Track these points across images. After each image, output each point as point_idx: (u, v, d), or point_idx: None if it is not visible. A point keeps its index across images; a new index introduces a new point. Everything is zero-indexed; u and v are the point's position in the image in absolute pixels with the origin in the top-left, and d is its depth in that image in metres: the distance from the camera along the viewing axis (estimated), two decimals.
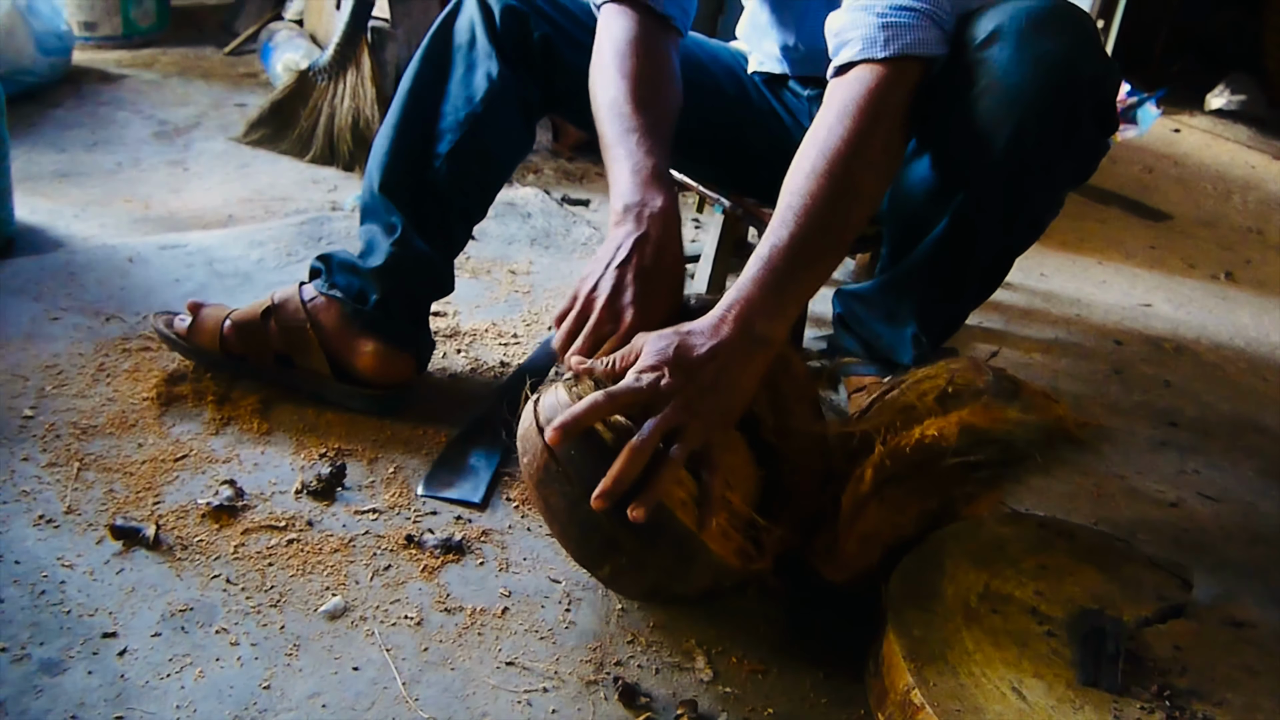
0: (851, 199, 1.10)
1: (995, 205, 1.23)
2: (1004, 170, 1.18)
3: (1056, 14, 1.14)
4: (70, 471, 1.26)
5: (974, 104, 1.16)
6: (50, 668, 1.01)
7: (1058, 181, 1.25)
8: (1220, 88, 4.00)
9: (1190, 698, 1.00)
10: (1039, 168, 1.19)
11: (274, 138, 2.39)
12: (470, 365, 1.59)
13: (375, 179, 1.42)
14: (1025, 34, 1.13)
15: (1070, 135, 1.17)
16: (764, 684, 1.11)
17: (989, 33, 1.14)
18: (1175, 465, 1.64)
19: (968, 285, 1.36)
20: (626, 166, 1.18)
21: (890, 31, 1.12)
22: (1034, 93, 1.13)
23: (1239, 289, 2.44)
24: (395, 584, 1.17)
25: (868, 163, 1.11)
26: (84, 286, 1.64)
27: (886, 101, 1.12)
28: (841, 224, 1.10)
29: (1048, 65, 1.12)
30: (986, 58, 1.14)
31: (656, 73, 1.28)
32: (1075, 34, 1.14)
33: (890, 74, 1.12)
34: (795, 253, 1.07)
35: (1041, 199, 1.26)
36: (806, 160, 1.11)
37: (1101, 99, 1.18)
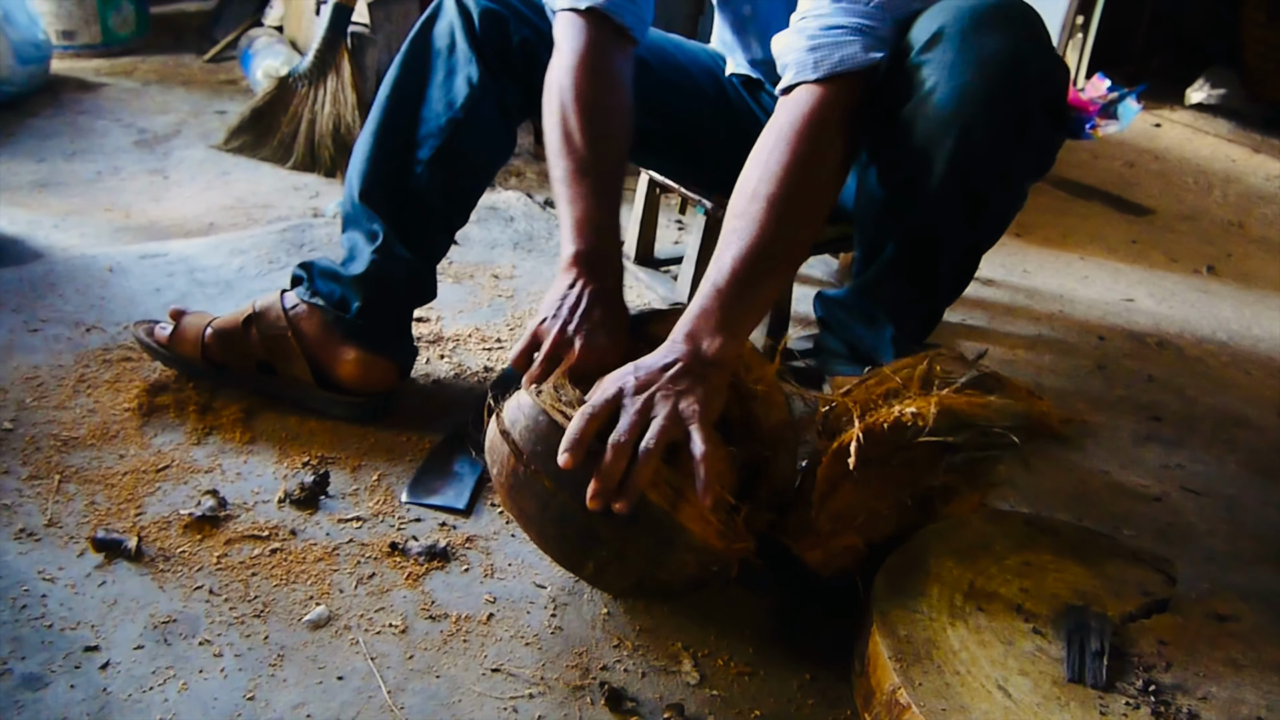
0: (794, 220, 1.13)
1: (954, 205, 1.23)
2: (958, 170, 1.19)
3: (999, 11, 1.14)
4: (51, 484, 1.25)
5: (923, 107, 1.17)
6: (32, 682, 1.01)
7: (1014, 177, 1.25)
8: (1200, 82, 4.02)
9: (1175, 692, 1.01)
10: (993, 165, 1.19)
11: (255, 145, 2.38)
12: (454, 371, 1.59)
13: (356, 186, 1.42)
14: (967, 33, 1.13)
15: (1021, 131, 1.17)
16: (751, 686, 1.11)
17: (931, 34, 1.14)
18: (1159, 459, 1.64)
19: (939, 283, 1.36)
20: (575, 211, 1.22)
21: (819, 54, 1.15)
22: (981, 92, 1.13)
23: (1221, 283, 2.44)
24: (380, 592, 1.16)
25: (809, 184, 1.14)
26: (64, 297, 1.63)
27: (825, 121, 1.15)
28: (786, 245, 1.14)
29: (993, 63, 1.12)
30: (931, 59, 1.15)
31: (607, 96, 1.29)
32: (1019, 30, 1.14)
33: (826, 93, 1.15)
34: (741, 278, 1.10)
35: (1000, 195, 1.26)
36: (749, 183, 1.13)
37: (1050, 93, 1.18)
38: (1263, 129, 3.77)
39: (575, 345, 1.14)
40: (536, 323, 1.18)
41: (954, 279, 1.37)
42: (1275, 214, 3.03)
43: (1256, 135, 3.71)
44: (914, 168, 1.20)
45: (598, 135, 1.26)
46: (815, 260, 2.11)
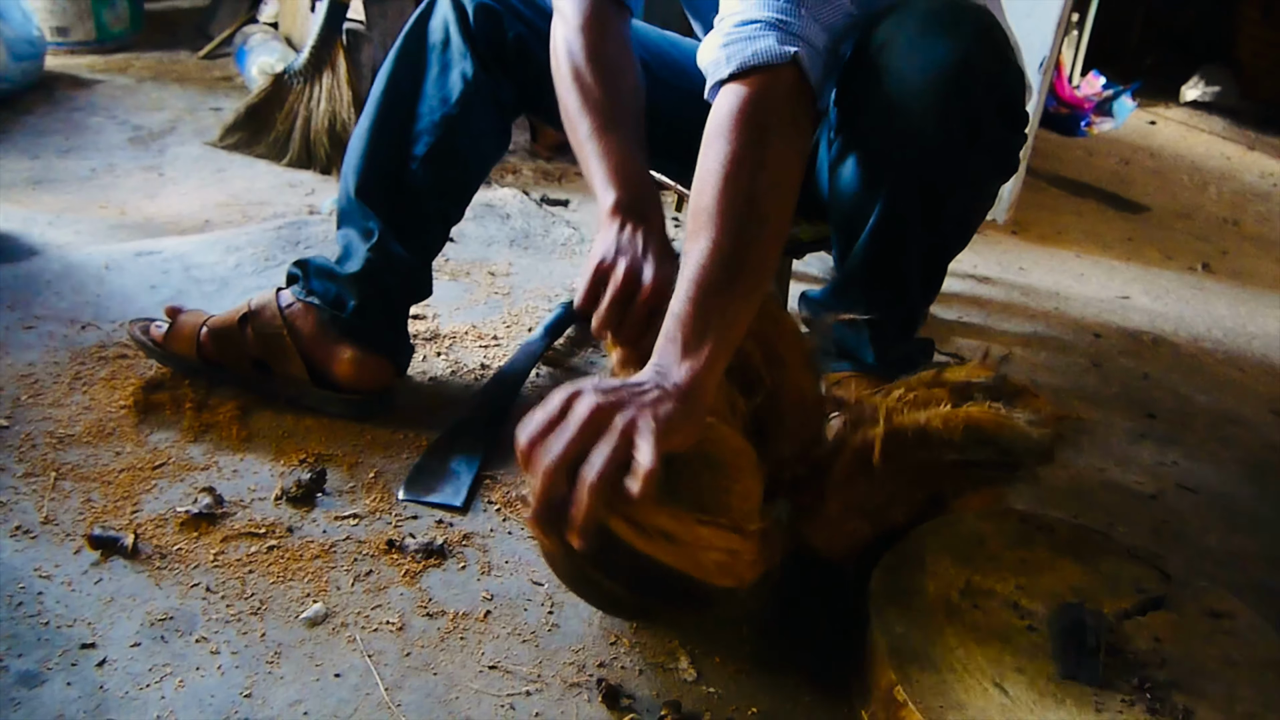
0: (746, 219, 1.03)
1: (912, 207, 1.22)
2: (913, 173, 1.18)
3: (948, 15, 1.13)
4: (47, 481, 1.25)
5: (878, 112, 1.16)
6: (28, 679, 1.00)
7: (971, 181, 1.24)
8: (1195, 79, 4.03)
9: (1170, 689, 1.01)
10: (948, 170, 1.18)
11: (250, 141, 2.38)
12: (450, 368, 1.59)
13: (351, 183, 1.42)
14: (915, 40, 1.12)
15: (974, 135, 1.16)
16: (747, 683, 1.11)
17: (883, 40, 1.14)
18: (1154, 457, 1.65)
19: (907, 287, 1.34)
20: (609, 163, 1.17)
21: (731, 49, 1.10)
22: (929, 96, 1.12)
23: (1216, 280, 2.45)
24: (376, 589, 1.16)
25: (751, 181, 1.05)
26: (59, 294, 1.62)
27: (749, 116, 1.07)
28: (743, 252, 1.03)
29: (940, 67, 1.11)
30: (884, 64, 1.14)
31: (618, 54, 1.26)
32: (968, 33, 1.13)
33: (747, 89, 1.08)
34: (701, 292, 0.99)
35: (959, 198, 1.25)
36: (695, 195, 1.06)
37: (1003, 96, 1.17)
38: (1257, 126, 3.78)
39: (647, 275, 1.08)
40: (595, 262, 1.11)
41: (923, 281, 1.35)
42: (1270, 211, 3.04)
43: (1251, 133, 3.73)
44: (873, 173, 1.20)
45: (616, 90, 1.22)
46: (811, 258, 2.11)
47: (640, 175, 1.18)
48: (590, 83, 1.22)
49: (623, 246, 1.11)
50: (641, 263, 1.10)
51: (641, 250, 1.11)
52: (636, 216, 1.14)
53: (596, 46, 1.24)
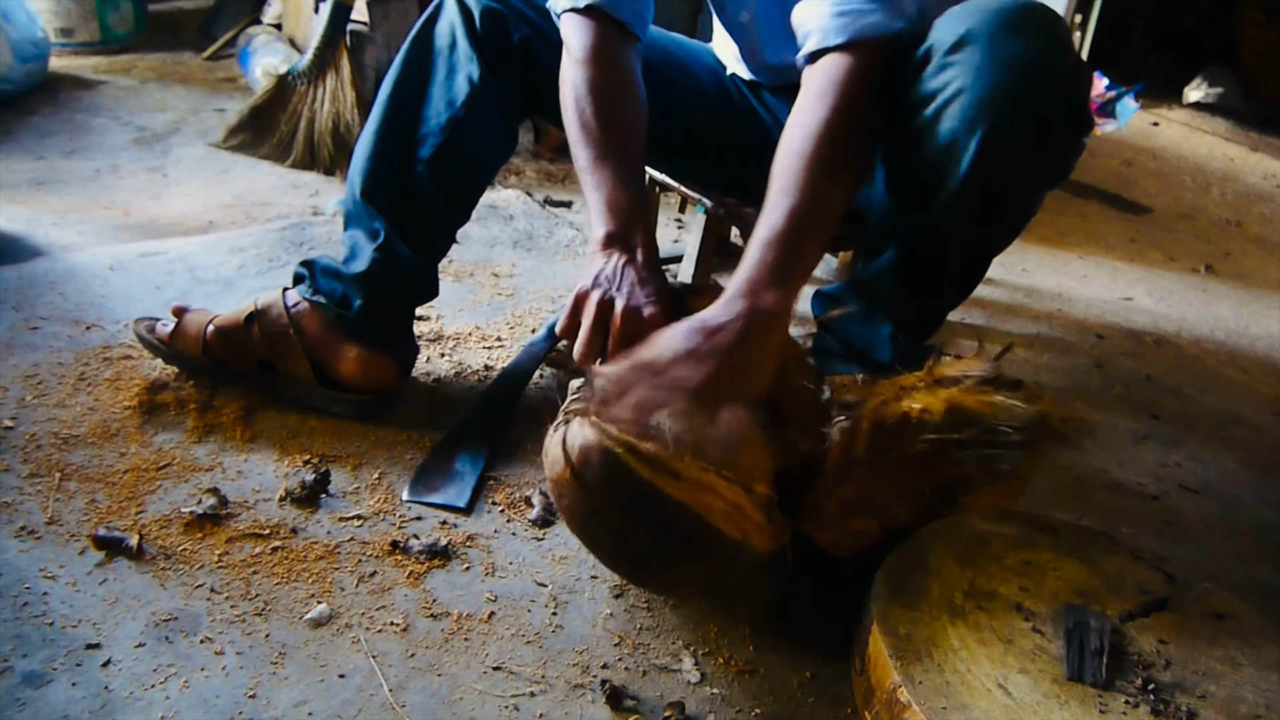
0: (836, 176, 1.16)
1: (970, 207, 1.23)
2: (979, 172, 1.19)
3: (1026, 16, 1.15)
4: (52, 482, 1.25)
5: (945, 109, 1.17)
6: (33, 680, 1.01)
7: (1032, 182, 1.25)
8: (1197, 80, 4.03)
9: (1174, 690, 1.01)
10: (1012, 169, 1.19)
11: (254, 143, 2.38)
12: (454, 369, 1.59)
13: (357, 185, 1.42)
14: (995, 37, 1.13)
15: (1043, 137, 1.17)
16: (751, 684, 1.11)
17: (959, 36, 1.15)
18: (1157, 458, 1.65)
19: (943, 285, 1.36)
20: (602, 195, 1.24)
21: (844, 19, 1.18)
22: (1006, 95, 1.13)
23: (1219, 281, 2.45)
24: (381, 590, 1.16)
25: (846, 142, 1.17)
26: (64, 295, 1.63)
27: (855, 83, 1.17)
28: (829, 200, 1.16)
29: (1019, 67, 1.13)
30: (958, 61, 1.15)
31: (620, 85, 1.32)
32: (1046, 35, 1.14)
33: (853, 58, 1.18)
34: (791, 231, 1.12)
35: (1016, 200, 1.26)
36: (792, 143, 1.16)
37: (1074, 100, 1.18)
38: (1260, 128, 3.78)
39: (618, 306, 1.15)
40: (576, 292, 1.18)
41: (960, 282, 1.37)
42: (1273, 213, 3.03)
43: (1254, 134, 3.72)
44: (934, 167, 1.20)
45: (613, 121, 1.29)
46: None
47: (630, 206, 1.24)
48: (589, 116, 1.28)
49: (603, 278, 1.18)
50: (615, 294, 1.17)
51: (619, 282, 1.18)
52: (622, 247, 1.21)
53: (597, 80, 1.30)
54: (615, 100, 1.30)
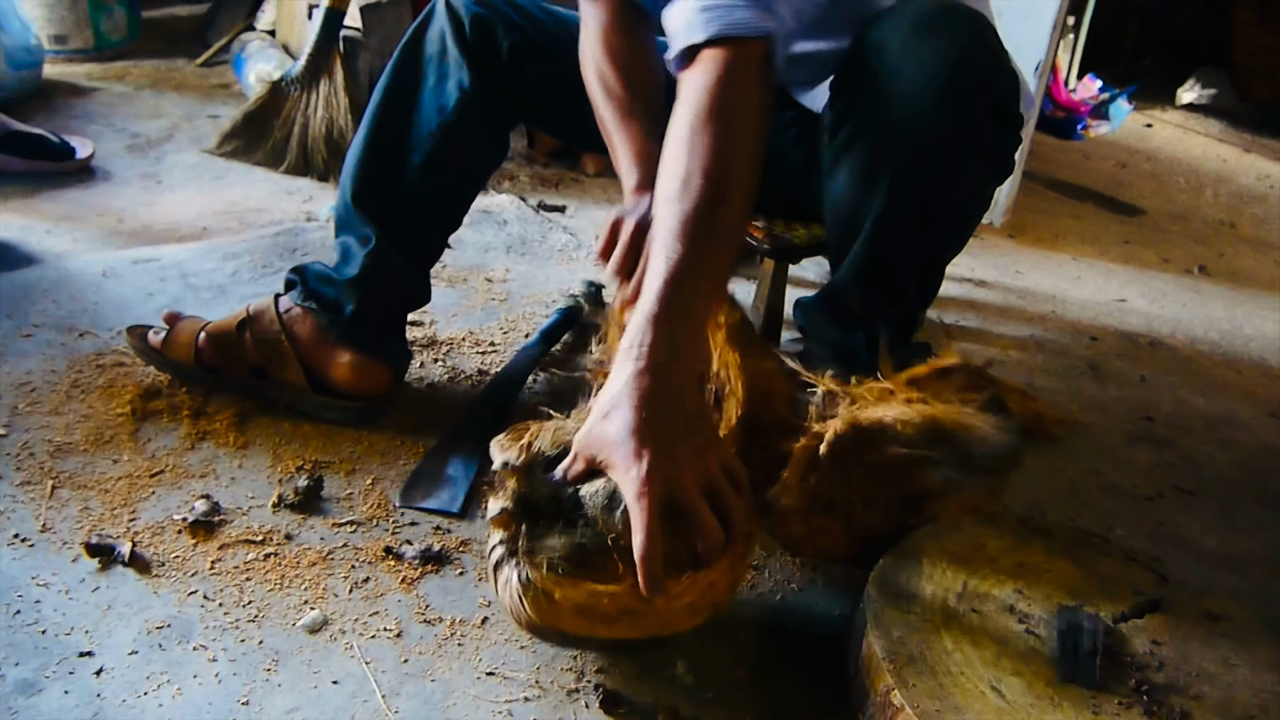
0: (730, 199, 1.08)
1: (908, 210, 1.22)
2: (908, 178, 1.19)
3: (942, 16, 1.14)
4: (45, 489, 1.25)
5: (873, 112, 1.17)
6: (26, 688, 1.00)
7: (965, 183, 1.24)
8: (1191, 82, 4.03)
9: (1168, 692, 1.01)
10: (941, 172, 1.19)
11: (248, 149, 2.38)
12: (448, 374, 1.59)
13: (349, 190, 1.42)
14: (910, 39, 1.13)
15: (967, 136, 1.16)
16: (745, 688, 1.11)
17: (879, 40, 1.15)
18: (1151, 459, 1.65)
19: (904, 289, 1.35)
20: (631, 148, 1.29)
21: (709, 14, 1.11)
22: (923, 97, 1.13)
23: (1213, 283, 2.46)
24: (374, 596, 1.16)
25: (735, 155, 1.09)
26: (57, 302, 1.63)
27: (732, 84, 1.11)
28: (726, 224, 1.08)
29: (934, 68, 1.12)
30: (878, 65, 1.15)
31: (638, 51, 1.35)
32: (962, 35, 1.14)
33: (722, 57, 1.11)
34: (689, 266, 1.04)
35: (954, 201, 1.25)
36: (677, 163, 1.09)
37: (997, 98, 1.17)
38: (1253, 129, 3.79)
39: None
40: (613, 218, 1.22)
41: (920, 284, 1.36)
42: (1266, 213, 3.04)
43: (1247, 135, 3.73)
44: (867, 175, 1.21)
45: (635, 82, 1.33)
46: (808, 263, 2.11)
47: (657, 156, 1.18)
48: (612, 80, 1.33)
49: (637, 208, 1.23)
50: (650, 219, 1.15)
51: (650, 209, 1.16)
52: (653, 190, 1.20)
53: (615, 47, 1.34)
54: (635, 64, 1.33)
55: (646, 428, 0.99)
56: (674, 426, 1.01)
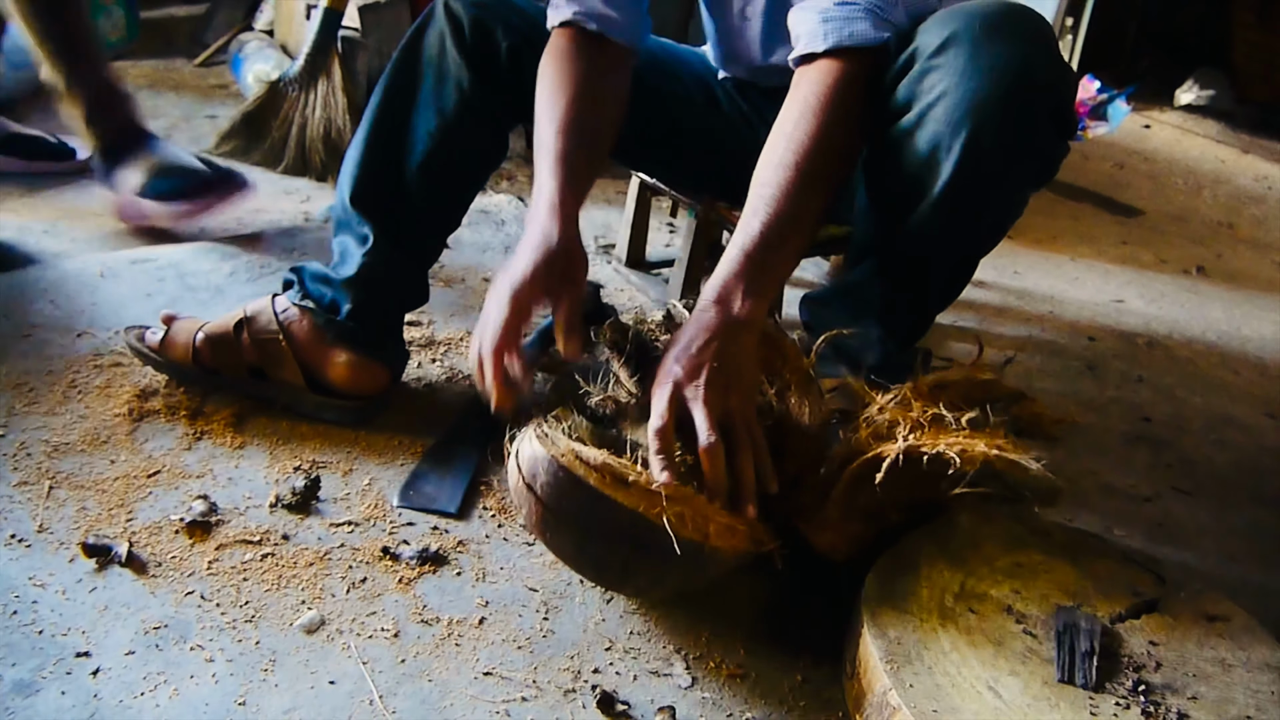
0: (819, 184, 1.18)
1: (954, 210, 1.23)
2: (962, 175, 1.19)
3: (1011, 19, 1.15)
4: (41, 490, 1.25)
5: (930, 111, 1.17)
6: (23, 688, 1.00)
7: (1015, 185, 1.25)
8: (1189, 83, 4.04)
9: (1165, 692, 1.01)
10: (995, 172, 1.19)
11: (246, 149, 2.37)
12: (445, 374, 1.59)
13: (347, 190, 1.43)
14: (979, 40, 1.13)
15: (1027, 140, 1.17)
16: (742, 688, 1.11)
17: (943, 39, 1.15)
18: (1149, 460, 1.65)
19: (930, 288, 1.36)
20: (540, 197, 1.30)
21: (830, 25, 1.18)
22: (989, 99, 1.14)
23: (1210, 283, 2.46)
24: (371, 596, 1.16)
25: (833, 151, 1.18)
26: (54, 303, 1.62)
27: (844, 93, 1.18)
28: (810, 208, 1.18)
29: (1003, 71, 1.13)
30: (941, 65, 1.15)
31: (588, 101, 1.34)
32: (1030, 39, 1.15)
33: (840, 66, 1.19)
34: (769, 240, 1.14)
35: (1000, 203, 1.27)
36: (774, 152, 1.18)
37: (1058, 103, 1.18)
38: (1251, 130, 3.79)
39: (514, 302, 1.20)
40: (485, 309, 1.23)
41: (947, 284, 1.37)
42: (1264, 215, 3.04)
43: (1245, 136, 3.73)
44: (918, 170, 1.21)
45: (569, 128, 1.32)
46: (806, 262, 2.11)
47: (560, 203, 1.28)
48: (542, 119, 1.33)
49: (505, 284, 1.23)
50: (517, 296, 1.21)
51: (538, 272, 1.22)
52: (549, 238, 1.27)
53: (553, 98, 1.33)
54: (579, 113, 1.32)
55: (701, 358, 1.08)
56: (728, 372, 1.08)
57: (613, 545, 1.06)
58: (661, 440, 1.05)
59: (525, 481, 1.07)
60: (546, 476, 1.05)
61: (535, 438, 1.07)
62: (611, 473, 1.03)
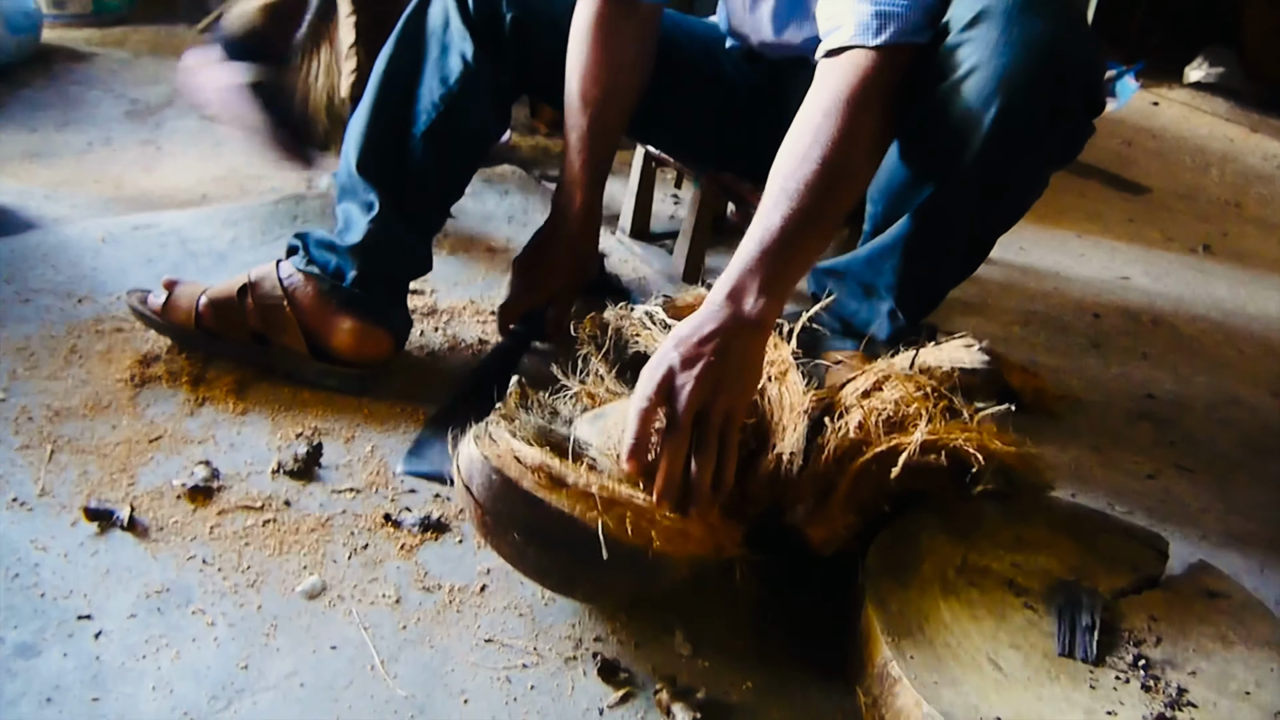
0: (845, 183, 1.12)
1: (978, 186, 1.22)
2: (989, 152, 1.18)
3: None
4: (43, 454, 1.25)
5: (960, 85, 1.15)
6: (25, 651, 1.01)
7: (1042, 162, 1.25)
8: (1198, 60, 4.00)
9: (1165, 667, 1.01)
10: (1023, 149, 1.18)
11: None
12: (448, 343, 1.58)
13: (352, 158, 1.42)
14: (1012, 15, 1.12)
15: (1056, 117, 1.16)
16: (742, 658, 1.11)
17: (975, 12, 1.13)
18: (1152, 437, 1.65)
19: (947, 263, 1.35)
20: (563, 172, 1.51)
21: (883, 20, 1.12)
22: (1021, 75, 1.12)
23: (1216, 262, 2.45)
24: (373, 563, 1.16)
25: (862, 149, 1.13)
26: (56, 268, 1.62)
27: (880, 88, 1.13)
28: (834, 208, 1.12)
29: (1035, 47, 1.11)
30: (973, 39, 1.13)
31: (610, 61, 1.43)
32: (1063, 15, 1.13)
33: (882, 60, 1.13)
34: (788, 236, 1.07)
35: (1025, 180, 1.26)
36: (800, 144, 1.11)
37: (1088, 81, 1.17)
38: (1260, 108, 3.76)
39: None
40: None
41: (964, 260, 1.36)
42: (1272, 193, 3.03)
43: (1254, 114, 3.71)
44: (944, 145, 1.19)
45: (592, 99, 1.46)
46: None
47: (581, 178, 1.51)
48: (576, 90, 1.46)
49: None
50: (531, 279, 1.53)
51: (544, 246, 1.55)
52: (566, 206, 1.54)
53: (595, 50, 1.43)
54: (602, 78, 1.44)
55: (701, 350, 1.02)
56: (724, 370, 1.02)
57: (550, 550, 1.02)
58: (642, 422, 1.00)
59: (464, 483, 1.04)
60: (481, 478, 1.01)
61: (473, 438, 1.04)
62: (549, 473, 0.99)
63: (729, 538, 1.06)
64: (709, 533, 1.03)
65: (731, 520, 1.07)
